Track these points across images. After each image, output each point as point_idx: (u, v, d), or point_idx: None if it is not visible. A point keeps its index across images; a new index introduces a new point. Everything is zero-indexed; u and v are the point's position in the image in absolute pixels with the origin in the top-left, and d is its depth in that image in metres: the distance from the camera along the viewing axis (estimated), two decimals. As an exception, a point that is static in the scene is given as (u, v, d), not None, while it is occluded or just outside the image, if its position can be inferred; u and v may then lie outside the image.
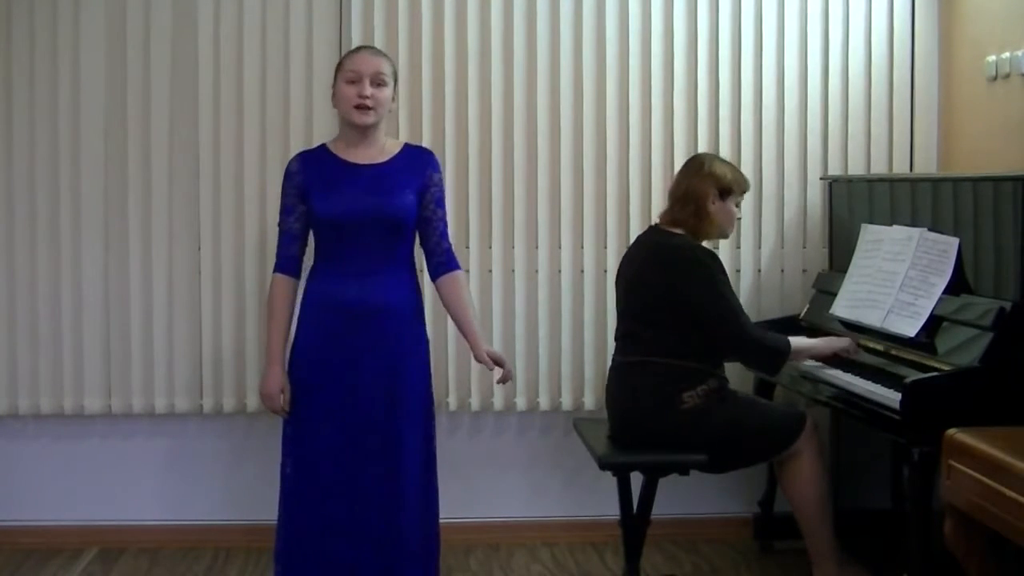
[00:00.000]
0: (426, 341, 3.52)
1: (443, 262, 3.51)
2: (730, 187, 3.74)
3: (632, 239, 4.32)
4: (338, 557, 3.37)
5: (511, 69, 4.35)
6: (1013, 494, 2.57)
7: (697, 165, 3.79)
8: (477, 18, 4.34)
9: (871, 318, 3.72)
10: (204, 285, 4.32)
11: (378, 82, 3.40)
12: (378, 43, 4.28)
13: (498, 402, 4.40)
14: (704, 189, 3.71)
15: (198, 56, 4.28)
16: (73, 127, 4.27)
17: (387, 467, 3.38)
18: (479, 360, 3.52)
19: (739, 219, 3.88)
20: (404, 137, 4.30)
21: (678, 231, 3.73)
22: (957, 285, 3.46)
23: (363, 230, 3.37)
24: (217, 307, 4.32)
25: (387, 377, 3.39)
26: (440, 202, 3.50)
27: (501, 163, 4.36)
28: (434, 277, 3.52)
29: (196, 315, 4.32)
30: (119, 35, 4.27)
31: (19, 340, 4.30)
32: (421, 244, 3.52)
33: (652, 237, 3.80)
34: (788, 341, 3.65)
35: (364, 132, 3.43)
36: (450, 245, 3.53)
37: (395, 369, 3.40)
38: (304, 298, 3.45)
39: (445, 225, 3.52)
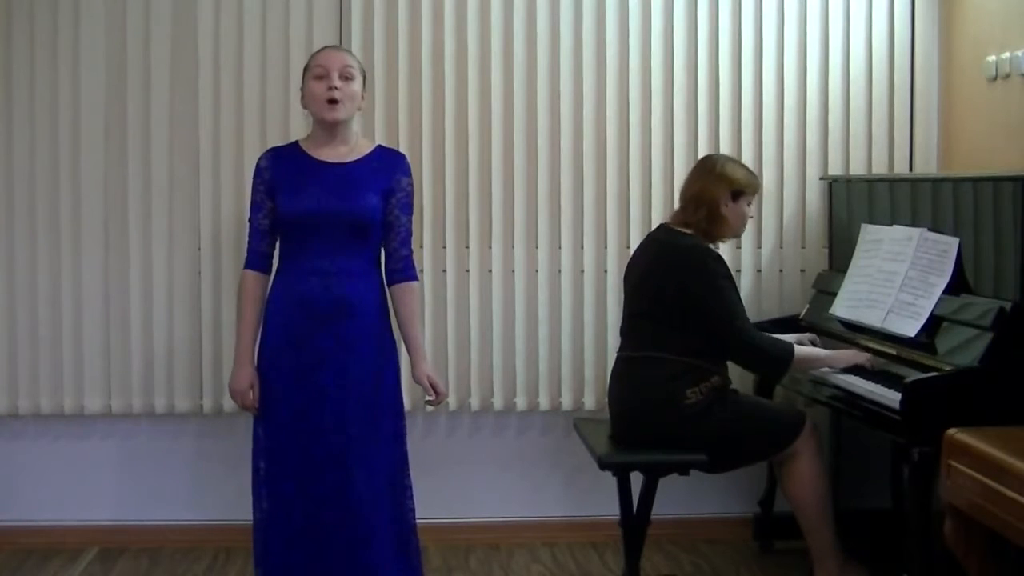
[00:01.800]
0: (394, 342, 3.51)
1: (399, 269, 3.50)
2: (742, 188, 3.75)
3: (632, 239, 4.35)
4: (309, 559, 3.36)
5: (511, 69, 4.35)
6: (1013, 494, 2.57)
7: (709, 166, 3.79)
8: (477, 18, 4.34)
9: (871, 318, 3.72)
10: (204, 285, 4.32)
11: (346, 75, 3.40)
12: (378, 43, 4.29)
13: (498, 402, 4.40)
14: (717, 192, 3.71)
15: (198, 56, 4.28)
16: (73, 127, 4.27)
17: (354, 469, 3.35)
18: (416, 380, 3.52)
19: (751, 218, 3.88)
20: (404, 138, 4.31)
21: (687, 231, 3.74)
22: (957, 285, 3.46)
23: (326, 229, 3.36)
24: (217, 307, 4.32)
25: (350, 379, 3.37)
26: (405, 208, 3.48)
27: (501, 163, 4.36)
28: (389, 284, 3.51)
29: (196, 315, 4.32)
30: (119, 35, 4.27)
31: (19, 340, 4.30)
32: (383, 248, 3.50)
33: (661, 236, 3.81)
34: (791, 350, 3.62)
35: (335, 129, 3.43)
36: (410, 253, 3.51)
37: (359, 370, 3.38)
38: (270, 297, 3.45)
39: (408, 232, 3.50)
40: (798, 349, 3.65)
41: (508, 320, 4.39)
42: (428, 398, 3.53)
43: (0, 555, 4.28)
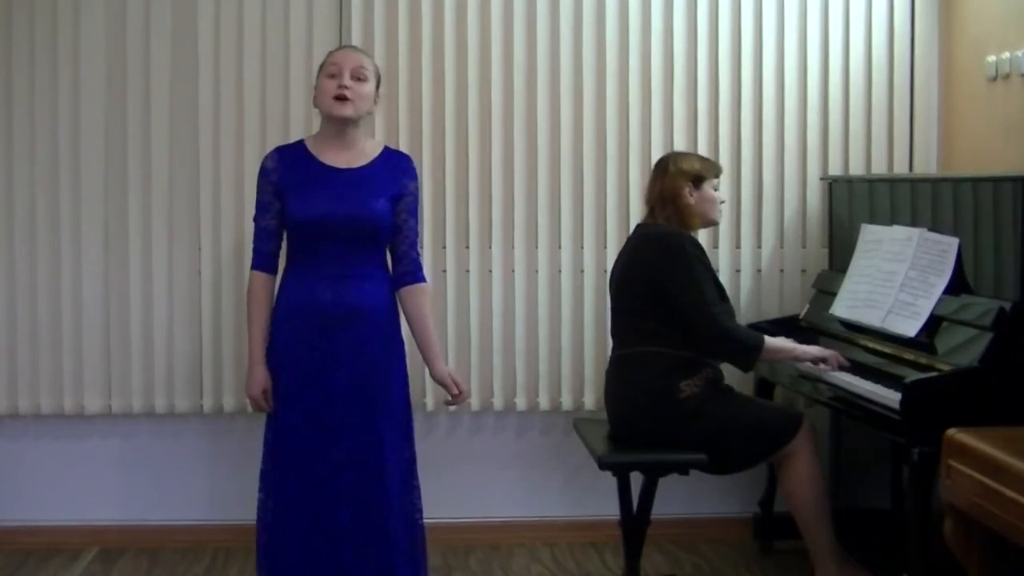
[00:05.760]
0: (402, 344, 3.50)
1: (408, 272, 3.49)
2: (701, 174, 3.79)
3: (632, 239, 4.35)
4: (320, 559, 3.36)
5: (511, 69, 4.35)
6: (1013, 494, 2.57)
7: (663, 166, 3.84)
8: (477, 18, 4.34)
9: (871, 318, 3.72)
10: (204, 285, 4.32)
11: (359, 76, 3.40)
12: (378, 43, 4.29)
13: (498, 402, 4.40)
14: (676, 184, 3.76)
15: (198, 56, 4.28)
16: (73, 127, 4.27)
17: (369, 470, 3.36)
18: (437, 379, 3.53)
19: (723, 203, 3.90)
20: (404, 138, 4.30)
21: (663, 223, 3.76)
22: (957, 285, 3.46)
23: (336, 234, 3.36)
24: (217, 307, 4.32)
25: (363, 381, 3.37)
26: (412, 212, 3.48)
27: (501, 163, 4.36)
28: (398, 286, 3.49)
29: (196, 315, 4.32)
30: (119, 36, 4.27)
31: (19, 340, 4.30)
32: (390, 251, 3.50)
33: (639, 231, 3.84)
34: (761, 338, 3.63)
35: (343, 129, 3.42)
36: (419, 255, 3.52)
37: (371, 372, 3.38)
38: (278, 300, 3.44)
39: (416, 235, 3.50)
40: (768, 340, 3.64)
41: (508, 320, 4.39)
42: (448, 398, 3.52)
43: (0, 555, 4.28)
